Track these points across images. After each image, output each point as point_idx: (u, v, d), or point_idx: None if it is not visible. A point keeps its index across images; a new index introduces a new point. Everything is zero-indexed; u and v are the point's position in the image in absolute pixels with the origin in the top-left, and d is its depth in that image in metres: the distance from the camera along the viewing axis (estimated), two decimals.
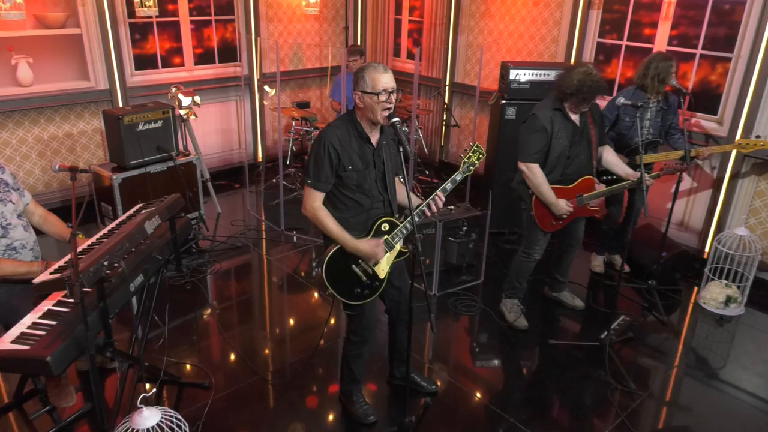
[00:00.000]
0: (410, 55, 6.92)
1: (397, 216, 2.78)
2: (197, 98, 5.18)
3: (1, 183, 2.83)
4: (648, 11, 4.83)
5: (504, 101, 4.88)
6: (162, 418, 2.24)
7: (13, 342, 2.17)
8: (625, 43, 5.02)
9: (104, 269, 2.30)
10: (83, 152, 5.51)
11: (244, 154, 6.61)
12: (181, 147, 4.92)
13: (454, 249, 4.50)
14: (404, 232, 2.73)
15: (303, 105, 6.46)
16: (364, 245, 2.66)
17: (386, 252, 2.72)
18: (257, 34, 6.32)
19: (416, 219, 2.66)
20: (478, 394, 3.33)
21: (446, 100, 6.20)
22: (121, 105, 5.48)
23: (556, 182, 3.59)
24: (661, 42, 4.78)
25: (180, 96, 5.10)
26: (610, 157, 3.76)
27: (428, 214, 2.71)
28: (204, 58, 6.11)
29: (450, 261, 4.56)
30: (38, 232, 2.99)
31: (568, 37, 5.29)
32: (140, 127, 4.42)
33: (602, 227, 4.68)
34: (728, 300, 4.16)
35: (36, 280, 2.36)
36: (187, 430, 2.29)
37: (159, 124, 4.55)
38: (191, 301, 4.16)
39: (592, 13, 5.16)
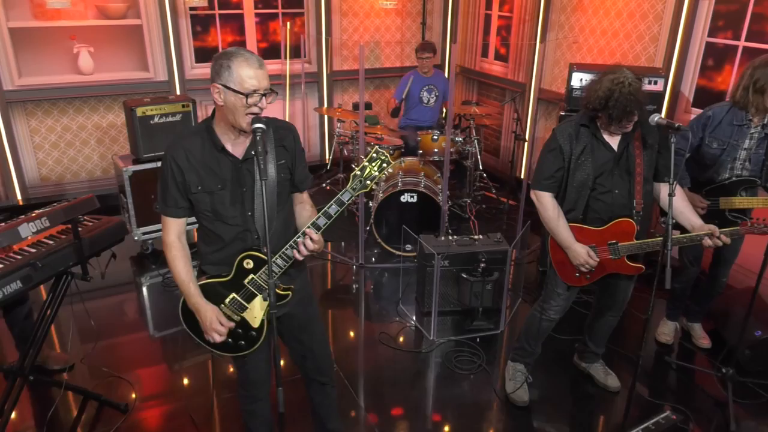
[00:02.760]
0: (498, 56, 6.08)
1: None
2: None
3: None
4: None
5: (563, 112, 3.92)
6: None
7: None
8: (742, 43, 3.77)
9: None
10: None
11: (309, 155, 6.29)
12: None
13: (467, 288, 3.69)
14: (275, 271, 2.03)
15: (365, 106, 5.94)
16: (204, 311, 2.04)
17: (254, 295, 2.08)
18: (328, 29, 5.95)
19: (281, 263, 2.02)
20: None
21: (516, 108, 5.29)
22: None
23: (577, 221, 2.68)
24: None
25: None
26: (677, 199, 2.68)
27: (297, 257, 2.01)
28: (269, 53, 5.88)
29: (464, 302, 3.75)
30: None
31: (669, 35, 4.13)
32: (155, 119, 4.28)
33: (674, 285, 3.54)
34: None
35: None
36: None
37: (178, 117, 4.37)
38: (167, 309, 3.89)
39: (702, 5, 3.96)
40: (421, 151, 4.97)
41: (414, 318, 3.81)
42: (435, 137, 4.92)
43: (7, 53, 4.85)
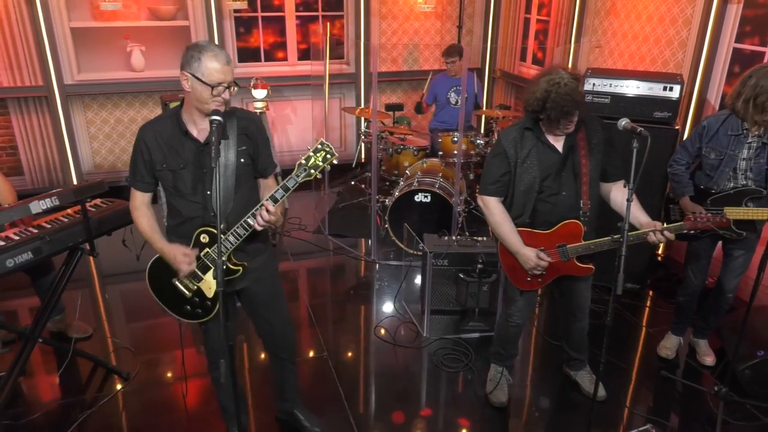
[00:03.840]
0: (536, 60, 6.02)
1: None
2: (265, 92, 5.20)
3: None
4: None
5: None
6: None
7: None
8: None
9: None
10: None
11: (345, 153, 6.48)
12: None
13: (463, 289, 3.72)
14: (227, 246, 2.22)
15: (395, 107, 6.06)
16: (169, 249, 2.25)
17: (209, 267, 2.28)
18: (367, 31, 6.11)
19: (241, 232, 2.20)
20: None
21: None
22: None
23: (525, 225, 2.68)
24: None
25: (252, 90, 5.17)
26: (619, 196, 2.67)
27: (256, 226, 2.18)
28: (308, 54, 6.10)
29: (460, 302, 3.78)
30: None
31: (696, 40, 3.98)
32: None
33: (678, 298, 3.43)
34: None
35: None
36: None
37: None
38: None
39: (730, 9, 3.79)
40: (441, 153, 5.03)
41: (412, 315, 3.88)
42: (455, 139, 4.95)
43: (68, 51, 5.33)
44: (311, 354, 3.51)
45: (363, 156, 6.21)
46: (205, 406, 3.04)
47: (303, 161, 2.16)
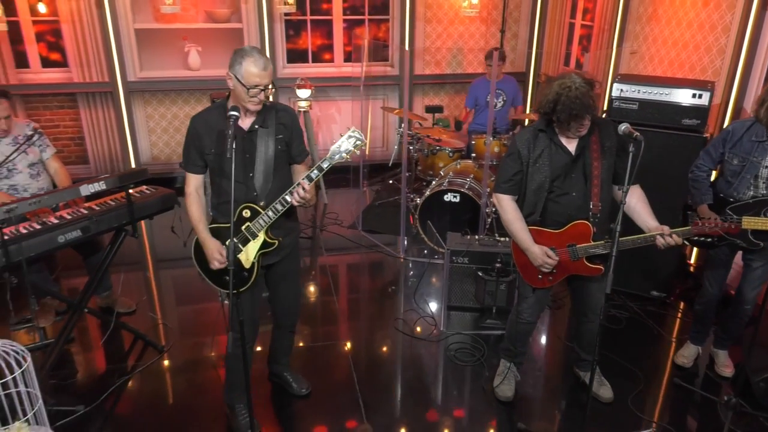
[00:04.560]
0: (579, 65, 5.99)
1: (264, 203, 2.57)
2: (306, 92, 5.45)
3: (23, 137, 3.46)
4: None
5: None
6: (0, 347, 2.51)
7: None
8: None
9: (2, 214, 2.68)
10: None
11: (386, 153, 6.66)
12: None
13: (482, 287, 3.81)
14: (266, 220, 2.53)
15: (435, 109, 6.17)
16: (209, 243, 2.57)
17: (248, 240, 2.56)
18: (412, 35, 6.26)
19: (279, 208, 2.51)
20: None
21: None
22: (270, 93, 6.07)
23: (536, 223, 2.77)
24: None
25: (297, 90, 5.43)
26: (631, 201, 2.71)
27: (293, 202, 2.49)
28: (353, 55, 6.32)
29: (479, 299, 3.88)
30: None
31: (734, 47, 3.92)
32: None
33: (695, 307, 3.41)
34: None
35: None
36: (27, 359, 2.52)
37: None
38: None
39: None
40: (474, 155, 5.12)
41: (431, 310, 4.01)
42: (487, 141, 5.03)
43: (132, 50, 5.76)
44: (332, 338, 3.70)
45: (394, 155, 6.37)
46: None
47: (335, 146, 2.45)
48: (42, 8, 5.50)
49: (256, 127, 2.51)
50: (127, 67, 5.78)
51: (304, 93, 5.45)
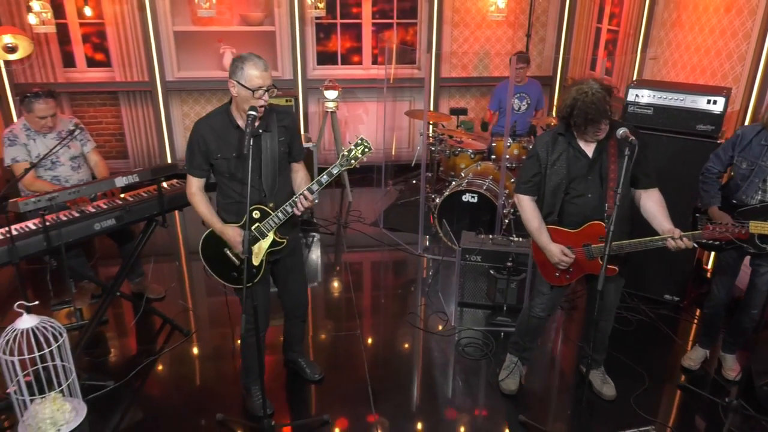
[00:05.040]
0: (605, 71, 6.02)
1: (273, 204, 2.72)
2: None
3: (66, 132, 3.73)
4: None
5: None
6: (39, 324, 2.76)
7: None
8: None
9: (44, 202, 2.94)
10: None
11: (411, 153, 6.80)
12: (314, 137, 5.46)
13: (493, 285, 3.92)
14: (276, 221, 2.68)
15: (460, 111, 6.28)
16: (229, 230, 2.71)
17: (257, 240, 2.71)
18: (439, 39, 6.39)
19: (289, 210, 2.65)
20: None
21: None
22: (300, 93, 6.30)
23: (554, 223, 2.87)
24: None
25: (325, 91, 5.63)
26: (648, 204, 2.78)
27: (296, 212, 2.64)
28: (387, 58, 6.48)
29: (491, 297, 3.99)
30: None
31: (754, 53, 3.93)
32: None
33: (704, 310, 3.45)
34: None
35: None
36: (63, 335, 2.77)
37: None
38: None
39: None
40: (494, 156, 5.22)
41: (445, 306, 4.14)
42: (507, 144, 5.13)
43: (171, 51, 6.06)
44: (347, 330, 3.87)
45: (415, 156, 6.53)
46: None
47: (345, 152, 2.59)
48: (88, 11, 5.84)
49: (260, 131, 2.62)
50: (165, 67, 6.07)
51: (331, 94, 5.64)
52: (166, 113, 6.25)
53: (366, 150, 2.59)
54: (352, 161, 2.60)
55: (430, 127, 5.82)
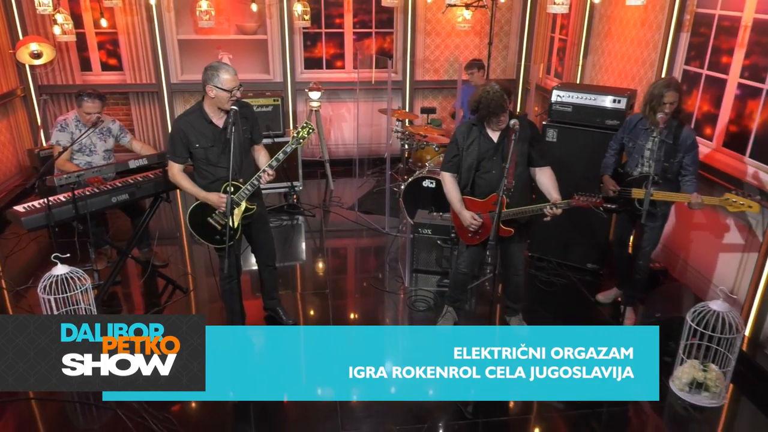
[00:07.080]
0: (557, 74, 6.81)
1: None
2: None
3: (107, 130, 4.55)
4: (727, 35, 4.04)
5: (545, 123, 4.74)
6: (70, 272, 3.56)
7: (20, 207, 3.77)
8: (705, 72, 4.28)
9: (74, 178, 3.76)
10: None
11: (390, 148, 7.57)
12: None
13: (440, 253, 4.72)
14: (246, 192, 3.41)
15: (429, 110, 7.09)
16: (212, 196, 3.45)
17: (233, 208, 3.46)
18: (413, 46, 7.20)
19: (255, 183, 3.40)
20: None
21: None
22: (290, 94, 7.12)
23: (468, 194, 3.66)
24: (734, 73, 3.97)
25: (309, 92, 6.44)
26: (542, 179, 3.58)
27: (262, 182, 3.40)
28: (362, 63, 7.29)
29: (439, 264, 4.78)
30: None
31: (658, 62, 4.72)
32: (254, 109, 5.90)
33: (614, 264, 4.29)
34: (694, 384, 3.42)
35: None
36: (88, 285, 3.57)
37: (269, 108, 5.97)
38: None
39: (682, 37, 4.50)
40: None
41: (402, 271, 4.93)
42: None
43: (175, 56, 6.90)
44: (320, 289, 4.67)
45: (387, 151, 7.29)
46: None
47: (295, 134, 3.38)
48: (104, 23, 6.67)
49: (230, 122, 3.30)
50: (170, 71, 6.91)
51: (315, 95, 6.45)
52: (171, 111, 7.07)
53: (310, 130, 3.38)
54: (300, 141, 3.38)
55: (399, 123, 6.61)
